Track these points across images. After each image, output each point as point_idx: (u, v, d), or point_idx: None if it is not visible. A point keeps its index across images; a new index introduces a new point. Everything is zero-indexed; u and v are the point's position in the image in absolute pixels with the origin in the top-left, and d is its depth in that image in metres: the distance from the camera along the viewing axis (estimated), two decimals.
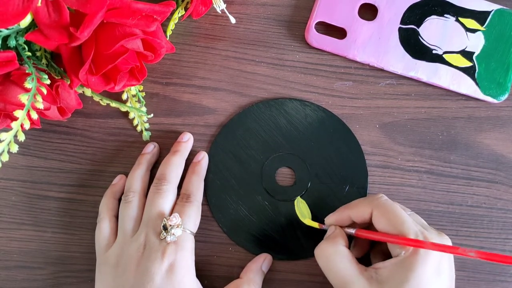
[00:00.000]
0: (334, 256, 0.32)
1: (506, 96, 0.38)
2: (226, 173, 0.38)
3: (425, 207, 0.38)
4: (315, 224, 0.35)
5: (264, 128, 0.38)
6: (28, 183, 0.38)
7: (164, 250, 0.32)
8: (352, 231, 0.33)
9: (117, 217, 0.36)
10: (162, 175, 0.36)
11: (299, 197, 0.37)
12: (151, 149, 0.38)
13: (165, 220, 0.33)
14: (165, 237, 0.32)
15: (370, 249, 0.36)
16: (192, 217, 0.34)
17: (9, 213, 0.38)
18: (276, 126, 0.38)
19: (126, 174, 0.38)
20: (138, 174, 0.37)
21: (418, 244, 0.29)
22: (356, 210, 0.33)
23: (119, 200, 0.37)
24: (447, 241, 0.31)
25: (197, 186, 0.36)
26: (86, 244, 0.37)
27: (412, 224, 0.31)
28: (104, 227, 0.36)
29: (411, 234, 0.30)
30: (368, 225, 0.34)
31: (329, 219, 0.35)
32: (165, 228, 0.33)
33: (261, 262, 0.36)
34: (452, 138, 0.39)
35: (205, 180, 0.37)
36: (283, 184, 0.38)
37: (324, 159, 0.38)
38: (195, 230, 0.35)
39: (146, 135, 0.39)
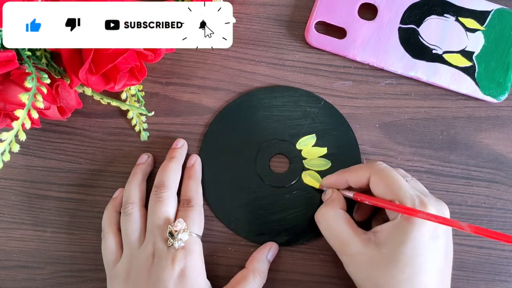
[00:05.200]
0: (333, 218, 0.33)
1: (505, 95, 0.38)
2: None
3: None
4: (316, 184, 0.37)
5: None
6: (28, 183, 0.38)
7: (174, 256, 0.32)
8: (350, 194, 0.34)
9: (120, 230, 0.36)
10: (160, 182, 0.36)
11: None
12: (145, 159, 0.38)
13: (170, 226, 0.33)
14: (172, 244, 0.32)
15: (372, 215, 0.36)
16: (196, 221, 0.34)
17: (8, 212, 0.38)
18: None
19: (127, 174, 0.38)
20: (135, 184, 0.36)
21: (411, 212, 0.29)
22: (355, 175, 0.34)
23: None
24: (445, 209, 0.31)
25: (195, 190, 0.36)
26: (86, 244, 0.37)
27: (409, 189, 0.31)
28: (109, 242, 0.35)
29: (407, 199, 0.30)
30: (365, 191, 0.34)
31: (327, 180, 0.36)
32: (171, 234, 0.33)
33: (266, 251, 0.36)
34: (451, 137, 0.39)
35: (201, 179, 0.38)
36: (278, 171, 0.38)
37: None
38: (201, 232, 0.35)
39: (144, 135, 0.38)
